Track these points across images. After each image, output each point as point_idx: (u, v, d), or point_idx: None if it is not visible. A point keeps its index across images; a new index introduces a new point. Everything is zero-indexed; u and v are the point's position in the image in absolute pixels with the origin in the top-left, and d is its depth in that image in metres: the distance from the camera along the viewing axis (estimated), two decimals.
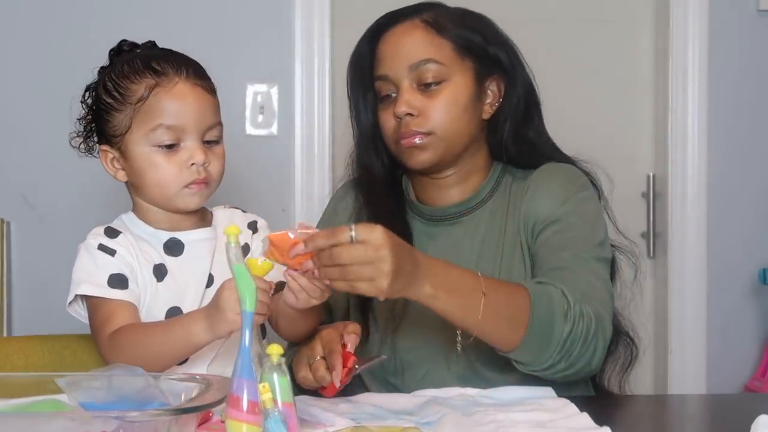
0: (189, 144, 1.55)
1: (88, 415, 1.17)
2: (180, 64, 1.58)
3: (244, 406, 1.17)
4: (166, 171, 1.55)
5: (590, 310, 1.60)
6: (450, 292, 1.51)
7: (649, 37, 3.06)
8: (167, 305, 1.57)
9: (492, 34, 1.84)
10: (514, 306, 1.56)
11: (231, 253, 1.26)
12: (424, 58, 1.77)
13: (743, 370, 3.00)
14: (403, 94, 1.77)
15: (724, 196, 3.00)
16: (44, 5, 2.83)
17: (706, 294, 3.00)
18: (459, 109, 1.78)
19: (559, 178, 1.80)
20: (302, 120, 2.89)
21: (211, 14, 2.87)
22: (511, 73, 1.83)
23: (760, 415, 1.31)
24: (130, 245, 1.58)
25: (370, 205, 1.86)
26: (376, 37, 1.84)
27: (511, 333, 1.56)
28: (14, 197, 2.82)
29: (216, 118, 1.59)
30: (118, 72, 1.58)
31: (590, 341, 1.59)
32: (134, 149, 1.56)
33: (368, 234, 1.40)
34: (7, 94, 2.83)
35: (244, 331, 1.22)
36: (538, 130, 1.87)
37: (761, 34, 3.00)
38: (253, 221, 1.69)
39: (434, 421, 1.45)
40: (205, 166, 1.56)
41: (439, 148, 1.78)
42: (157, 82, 1.55)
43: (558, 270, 1.67)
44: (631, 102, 3.07)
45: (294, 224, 2.89)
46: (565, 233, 1.74)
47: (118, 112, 1.56)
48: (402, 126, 1.78)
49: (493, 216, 1.82)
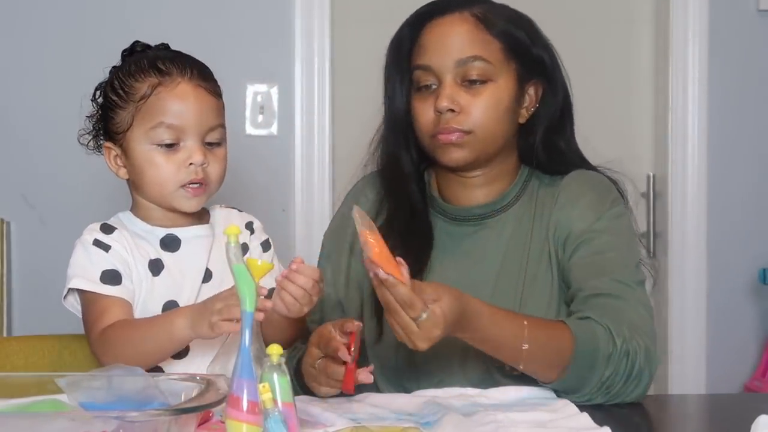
0: (189, 144, 1.56)
1: (88, 415, 1.17)
2: (185, 65, 1.59)
3: (244, 406, 1.17)
4: (164, 170, 1.56)
5: (637, 346, 1.59)
6: (487, 344, 1.57)
7: (649, 37, 3.06)
8: (163, 299, 1.58)
9: (536, 36, 1.81)
10: (555, 350, 1.57)
11: (231, 253, 1.26)
12: (473, 55, 1.73)
13: (743, 370, 3.00)
14: (447, 89, 1.73)
15: (724, 196, 3.01)
16: (44, 6, 2.83)
17: (706, 294, 3.00)
18: (500, 110, 1.75)
19: (590, 191, 1.78)
20: (302, 120, 2.90)
21: (211, 14, 2.87)
22: (552, 79, 1.81)
23: (760, 415, 1.31)
24: (125, 241, 1.59)
25: (393, 198, 1.82)
26: (420, 24, 1.79)
27: (549, 375, 1.59)
28: (14, 197, 2.82)
29: (218, 120, 1.60)
30: (125, 71, 1.60)
31: (633, 378, 1.59)
32: (135, 147, 1.57)
33: (429, 328, 1.45)
34: (8, 95, 2.83)
35: (244, 331, 1.22)
36: (569, 138, 1.85)
37: (761, 34, 3.00)
38: (249, 222, 1.70)
39: (434, 421, 1.45)
40: (203, 167, 1.57)
41: (476, 148, 1.75)
42: (160, 81, 1.57)
43: (601, 297, 1.65)
44: (631, 102, 3.07)
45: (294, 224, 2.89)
46: (602, 254, 1.71)
47: (121, 110, 1.58)
48: (441, 121, 1.73)
49: (519, 221, 1.80)
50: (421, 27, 1.79)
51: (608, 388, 1.59)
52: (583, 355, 1.57)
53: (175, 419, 1.12)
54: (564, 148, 1.83)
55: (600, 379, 1.58)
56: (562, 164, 1.82)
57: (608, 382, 1.58)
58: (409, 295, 1.43)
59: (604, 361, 1.57)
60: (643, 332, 1.63)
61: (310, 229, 2.90)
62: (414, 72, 1.78)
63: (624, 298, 1.66)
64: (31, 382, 1.32)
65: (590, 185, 1.79)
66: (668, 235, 2.98)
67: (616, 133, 3.02)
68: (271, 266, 1.35)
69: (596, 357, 1.57)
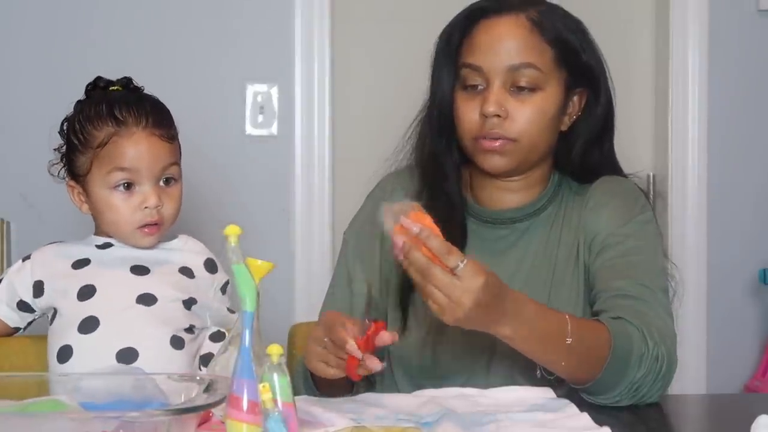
0: (144, 188, 1.64)
1: (88, 415, 1.17)
2: (141, 113, 1.66)
3: (244, 406, 1.17)
4: (121, 212, 1.65)
5: (664, 351, 1.59)
6: (533, 336, 1.53)
7: (649, 37, 3.06)
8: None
9: (587, 42, 1.78)
10: (595, 347, 1.56)
11: (231, 253, 1.26)
12: (526, 62, 1.69)
13: (743, 370, 3.00)
14: (495, 93, 1.69)
15: (724, 196, 3.01)
16: (45, 6, 2.83)
17: (706, 294, 3.00)
18: (546, 120, 1.72)
19: (619, 196, 1.77)
20: (302, 120, 2.90)
21: (211, 14, 2.87)
22: (596, 88, 1.78)
23: (760, 415, 1.31)
24: (42, 256, 1.71)
25: (431, 196, 1.77)
26: (474, 21, 1.74)
27: (587, 374, 1.57)
28: (14, 197, 2.82)
29: (172, 158, 1.67)
30: (85, 115, 1.67)
31: (659, 381, 1.59)
32: (94, 190, 1.66)
33: (469, 278, 1.42)
34: (8, 95, 2.83)
35: (244, 331, 1.22)
36: (608, 148, 1.83)
37: (761, 34, 3.00)
38: (210, 259, 1.73)
39: (434, 421, 1.45)
40: (158, 209, 1.64)
41: (518, 157, 1.72)
42: (116, 131, 1.64)
43: (625, 299, 1.64)
44: (631, 102, 3.07)
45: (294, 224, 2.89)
46: (628, 257, 1.70)
47: (81, 154, 1.66)
48: (486, 125, 1.70)
49: (549, 226, 1.78)
50: (474, 23, 1.74)
51: (638, 389, 1.58)
52: (619, 354, 1.56)
53: (175, 419, 1.12)
54: (598, 158, 1.81)
55: (632, 380, 1.57)
56: (594, 173, 1.80)
57: (639, 383, 1.58)
58: (446, 243, 1.42)
59: (638, 361, 1.56)
60: (668, 337, 1.62)
61: (310, 229, 2.90)
62: (462, 69, 1.74)
63: (648, 302, 1.65)
64: (31, 382, 1.32)
65: (619, 190, 1.79)
66: (668, 235, 2.98)
67: (616, 133, 3.01)
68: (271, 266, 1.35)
69: (630, 357, 1.56)
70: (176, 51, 2.85)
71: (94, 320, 1.59)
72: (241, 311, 1.25)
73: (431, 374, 1.73)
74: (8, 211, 2.82)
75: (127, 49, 2.79)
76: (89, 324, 1.59)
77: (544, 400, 1.58)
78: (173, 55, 2.84)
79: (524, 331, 1.52)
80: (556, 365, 1.57)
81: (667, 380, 1.62)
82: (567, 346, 1.53)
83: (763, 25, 3.00)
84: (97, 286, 1.62)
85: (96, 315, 1.59)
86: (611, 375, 1.56)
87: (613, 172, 1.83)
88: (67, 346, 1.59)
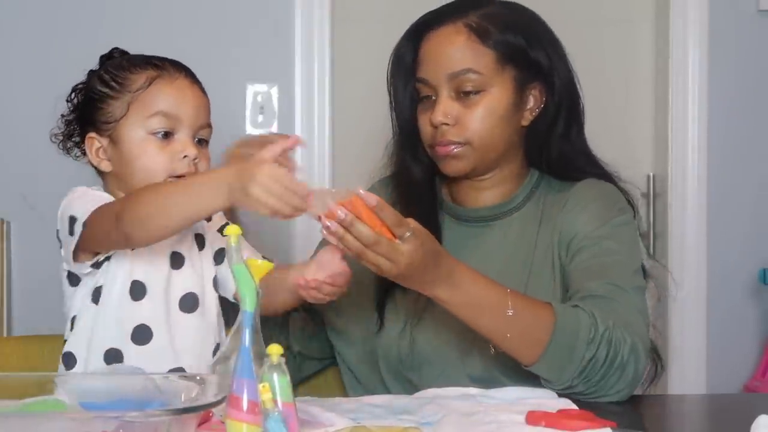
0: (182, 137, 1.56)
1: (88, 415, 1.17)
2: (178, 64, 1.61)
3: (244, 406, 1.17)
4: (157, 159, 1.54)
5: (622, 338, 1.59)
6: (470, 304, 1.57)
7: (649, 37, 3.06)
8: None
9: (536, 38, 1.81)
10: (538, 325, 1.58)
11: (231, 253, 1.26)
12: (465, 68, 1.75)
13: (743, 370, 3.00)
14: (441, 103, 1.76)
15: (724, 196, 3.01)
16: (45, 6, 2.83)
17: (706, 294, 3.00)
18: (496, 119, 1.76)
19: (598, 198, 1.79)
20: (302, 120, 2.90)
21: (211, 14, 2.87)
22: (550, 80, 1.81)
23: (760, 415, 1.31)
24: None
25: (403, 204, 1.81)
26: (420, 35, 1.81)
27: (531, 349, 1.59)
28: (14, 197, 2.82)
29: (209, 119, 1.60)
30: (116, 65, 1.61)
31: (615, 369, 1.59)
32: (128, 134, 1.55)
33: (408, 241, 1.48)
34: (8, 95, 2.83)
35: (244, 331, 1.22)
36: (575, 139, 1.84)
37: (761, 34, 3.00)
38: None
39: (434, 421, 1.45)
40: (195, 162, 1.56)
41: (474, 158, 1.77)
42: (158, 74, 1.58)
43: (596, 299, 1.65)
44: (631, 102, 3.07)
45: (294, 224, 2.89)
46: (601, 258, 1.72)
47: (113, 100, 1.57)
48: (438, 134, 1.77)
49: (526, 224, 1.81)
50: (421, 37, 1.81)
51: (588, 374, 1.58)
52: (562, 332, 1.57)
53: (175, 419, 1.12)
54: (569, 150, 1.83)
55: (581, 362, 1.58)
56: (570, 167, 1.83)
57: (588, 366, 1.58)
58: (397, 215, 1.49)
59: (585, 342, 1.57)
60: (634, 331, 1.62)
61: (310, 229, 2.89)
62: (416, 84, 1.81)
63: (616, 300, 1.66)
64: (31, 382, 1.32)
65: (599, 194, 1.80)
66: (668, 235, 2.98)
67: (616, 133, 3.02)
68: (272, 266, 1.35)
69: (576, 337, 1.58)
70: (176, 51, 2.83)
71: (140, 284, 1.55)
72: (241, 311, 1.25)
73: (410, 363, 1.77)
74: (8, 211, 2.82)
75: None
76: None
77: (544, 400, 1.59)
78: (173, 55, 2.82)
79: (459, 297, 1.57)
80: (499, 338, 1.59)
81: (631, 372, 1.61)
82: (507, 318, 1.57)
83: (763, 25, 3.00)
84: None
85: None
86: (557, 355, 1.58)
87: (590, 165, 1.85)
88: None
